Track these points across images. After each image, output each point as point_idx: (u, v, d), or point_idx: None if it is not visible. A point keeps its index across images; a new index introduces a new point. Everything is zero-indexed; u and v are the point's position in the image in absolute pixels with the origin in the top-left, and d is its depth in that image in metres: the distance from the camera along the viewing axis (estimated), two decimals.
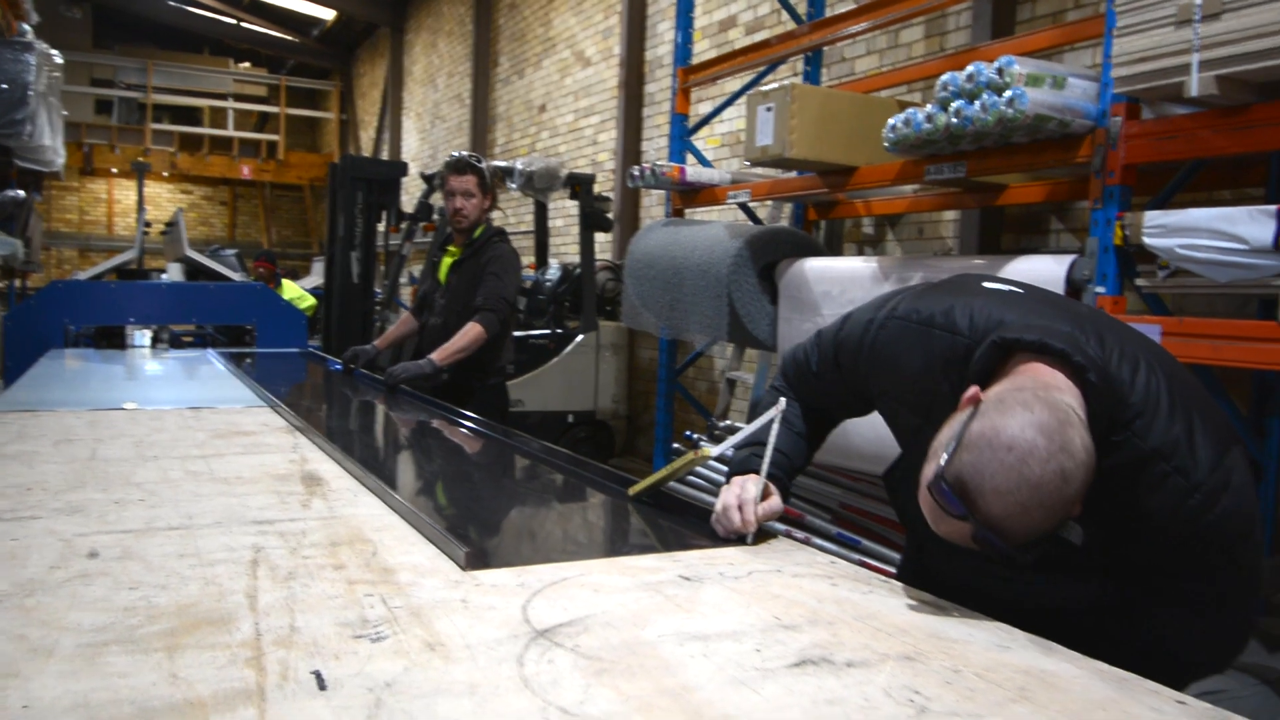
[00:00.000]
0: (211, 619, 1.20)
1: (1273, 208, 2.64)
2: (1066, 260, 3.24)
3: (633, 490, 1.93)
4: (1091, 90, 3.17)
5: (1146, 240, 2.95)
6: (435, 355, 3.69)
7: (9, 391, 3.62)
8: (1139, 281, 3.16)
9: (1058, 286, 3.20)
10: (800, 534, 4.58)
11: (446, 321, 3.89)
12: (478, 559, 1.45)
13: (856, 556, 4.17)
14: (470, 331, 3.72)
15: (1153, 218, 2.94)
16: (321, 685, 1.01)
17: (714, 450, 1.77)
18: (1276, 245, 2.64)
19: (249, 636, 1.14)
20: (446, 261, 4.05)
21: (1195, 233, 2.81)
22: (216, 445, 2.45)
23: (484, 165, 3.93)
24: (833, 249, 5.84)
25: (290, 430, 2.72)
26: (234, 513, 1.75)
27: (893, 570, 3.83)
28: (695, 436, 5.46)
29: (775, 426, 1.62)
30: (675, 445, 5.57)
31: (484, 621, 1.21)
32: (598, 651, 1.11)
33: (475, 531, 1.80)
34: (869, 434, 3.99)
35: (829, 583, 1.40)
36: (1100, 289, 3.11)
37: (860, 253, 5.87)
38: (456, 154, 3.97)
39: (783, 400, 1.65)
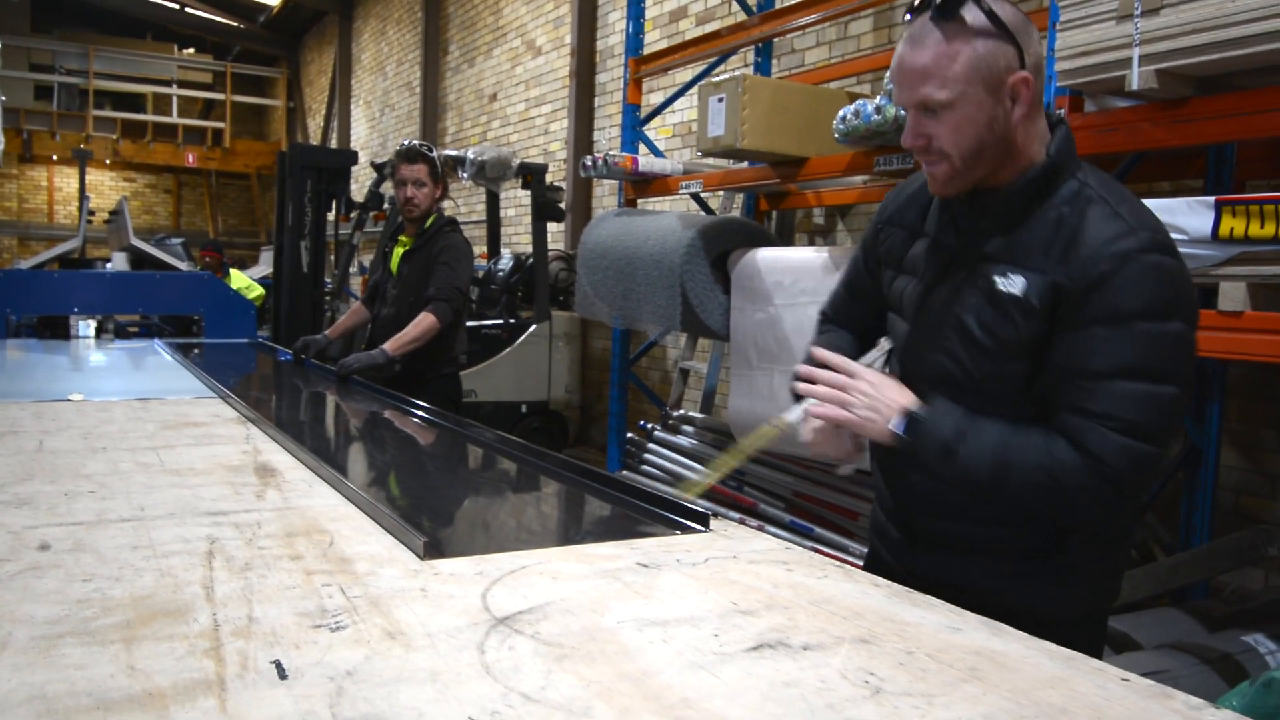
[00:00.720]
0: (168, 610, 1.19)
1: (1211, 199, 2.71)
2: None
3: (695, 489, 1.90)
4: None
5: None
6: (388, 345, 3.69)
7: None
8: None
9: None
10: (754, 522, 4.63)
11: (399, 311, 3.89)
12: (435, 548, 1.45)
13: (809, 544, 4.23)
14: (423, 321, 3.72)
15: None
16: (282, 675, 1.01)
17: (792, 415, 1.66)
18: (1215, 235, 2.72)
19: (207, 627, 1.14)
20: (398, 251, 4.03)
21: None
22: (167, 436, 2.42)
23: (435, 154, 3.92)
24: (784, 239, 5.88)
25: (242, 421, 2.69)
26: (187, 504, 1.73)
27: (845, 557, 3.90)
28: (650, 426, 5.49)
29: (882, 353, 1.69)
30: (630, 435, 5.59)
31: (444, 610, 1.21)
32: (558, 638, 1.13)
33: (432, 521, 1.80)
34: None
35: (784, 568, 1.43)
36: None
37: (811, 243, 5.92)
38: (407, 142, 3.95)
39: (884, 340, 1.70)
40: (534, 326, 7.33)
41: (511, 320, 7.33)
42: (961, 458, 1.43)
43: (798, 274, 4.22)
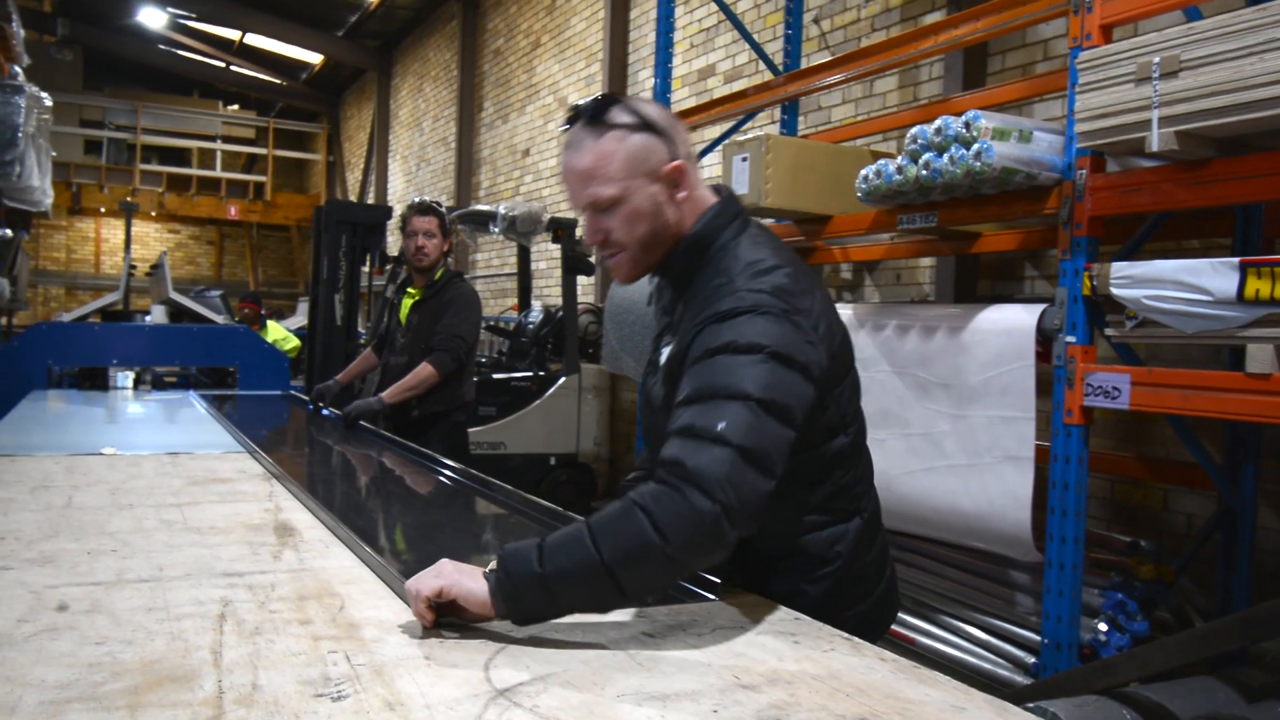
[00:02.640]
0: (175, 676, 1.21)
1: (1235, 260, 2.70)
2: (1037, 310, 3.30)
3: None
4: (1057, 144, 3.24)
5: (1114, 290, 3.00)
6: (386, 394, 3.95)
7: None
8: (1108, 331, 3.22)
9: (1028, 336, 3.26)
10: None
11: (411, 359, 4.09)
12: (443, 615, 1.46)
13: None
14: (420, 371, 3.96)
15: (1120, 268, 3.00)
16: None
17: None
18: (1240, 297, 2.70)
19: (211, 694, 1.15)
20: (407, 302, 4.27)
21: (1161, 284, 2.87)
22: (192, 493, 2.46)
23: (443, 210, 4.19)
24: None
25: (267, 477, 2.73)
26: (205, 564, 1.75)
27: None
28: None
29: None
30: None
31: (445, 680, 1.22)
32: (555, 712, 1.13)
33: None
34: None
35: (791, 641, 1.42)
36: (1071, 338, 3.16)
37: (839, 298, 5.93)
38: (419, 197, 4.24)
39: None
40: (563, 379, 7.36)
41: (541, 373, 7.37)
42: (554, 550, 1.36)
43: None
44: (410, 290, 4.28)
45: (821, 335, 1.53)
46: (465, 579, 1.39)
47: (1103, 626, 3.25)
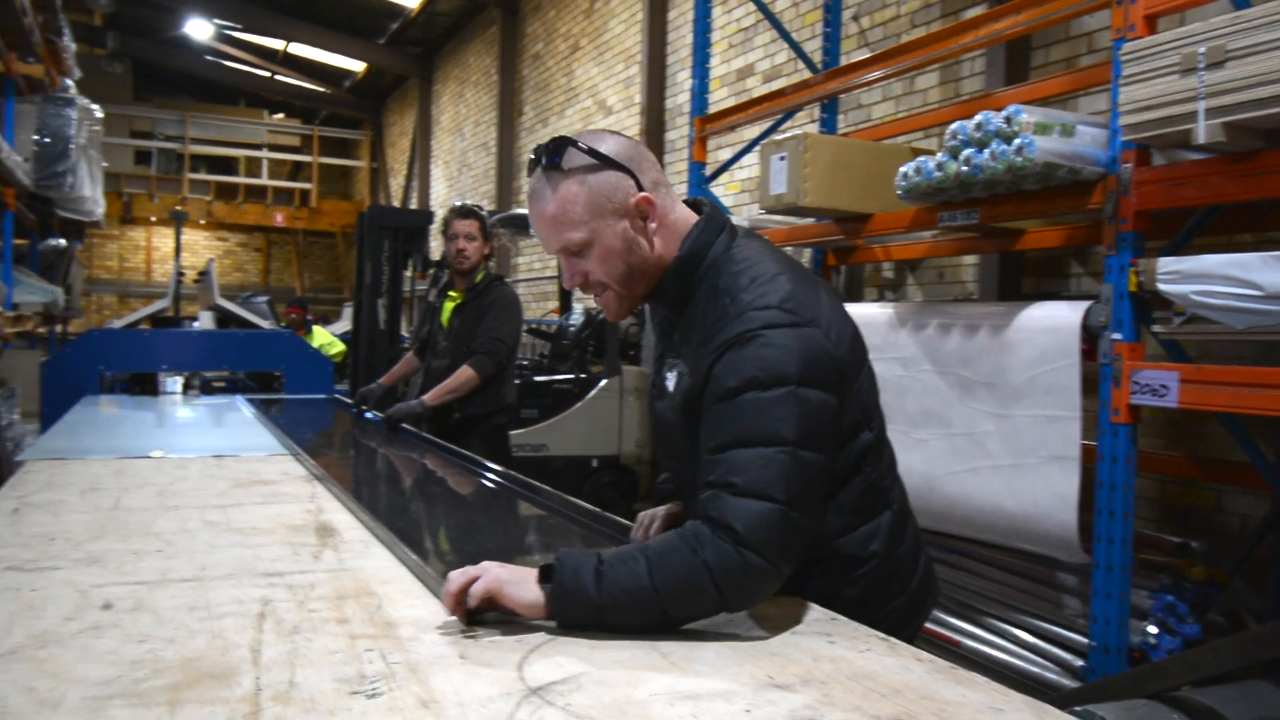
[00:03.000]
0: (215, 673, 1.23)
1: None
2: (1082, 306, 3.24)
3: None
4: (1101, 137, 3.19)
5: (1161, 286, 2.95)
6: (427, 396, 4.00)
7: (42, 439, 3.69)
8: (1155, 328, 3.16)
9: (1073, 333, 3.20)
10: None
11: (453, 362, 4.14)
12: (478, 613, 1.47)
13: None
14: (461, 374, 4.02)
15: (1167, 264, 2.94)
16: None
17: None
18: None
19: (249, 691, 1.17)
20: (448, 306, 4.31)
21: (1209, 279, 2.81)
22: (236, 495, 2.49)
23: (485, 213, 4.24)
24: (853, 294, 5.86)
25: (309, 479, 2.76)
26: (246, 564, 1.78)
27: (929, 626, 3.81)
28: None
29: None
30: None
31: (479, 679, 1.22)
32: (588, 710, 1.13)
33: None
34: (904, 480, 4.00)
35: (827, 640, 1.41)
36: (1117, 335, 3.11)
37: (881, 297, 5.88)
38: (460, 201, 4.29)
39: None
40: (604, 381, 7.37)
41: (582, 375, 7.39)
42: (611, 580, 1.38)
43: (864, 328, 4.19)
44: (452, 294, 4.33)
45: (835, 338, 1.52)
46: (513, 587, 1.41)
47: (1152, 629, 3.19)
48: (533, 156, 1.59)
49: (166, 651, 1.30)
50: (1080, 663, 3.25)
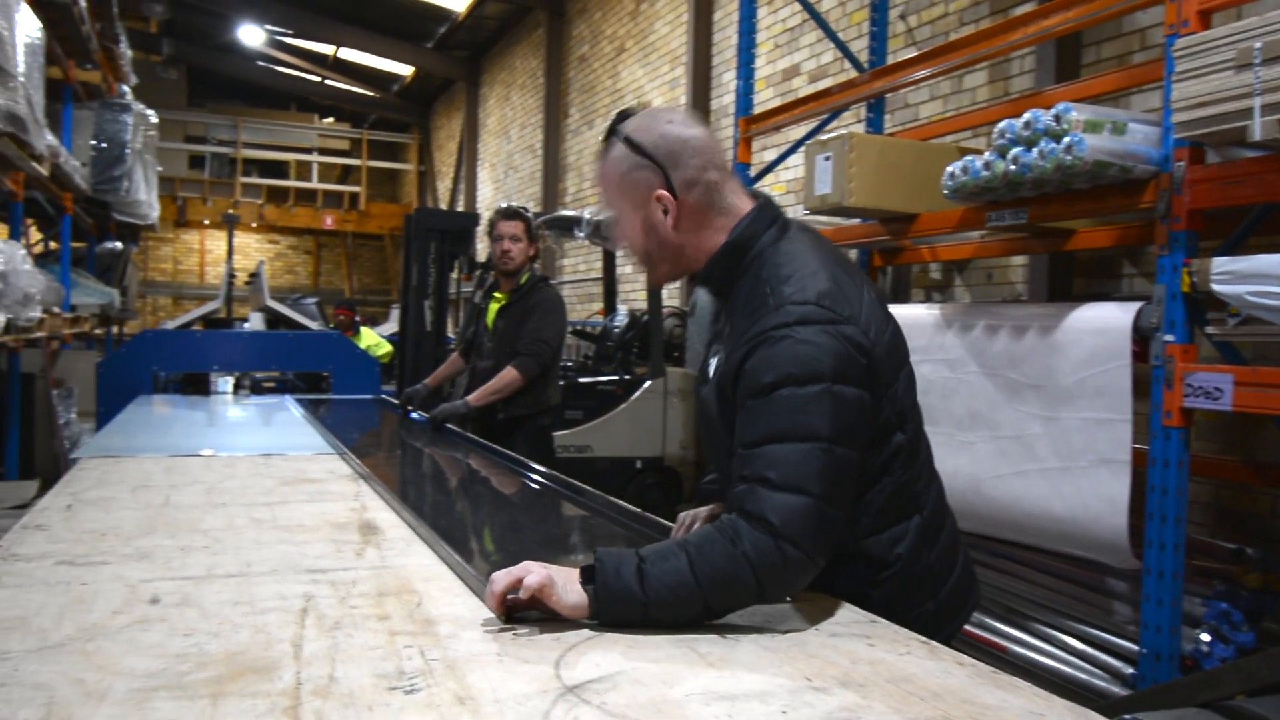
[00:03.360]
0: (257, 667, 1.24)
1: None
2: (1133, 308, 3.18)
3: None
4: (1153, 135, 3.13)
5: (1215, 287, 2.88)
6: (472, 397, 4.03)
7: (96, 437, 3.78)
8: (1209, 329, 3.09)
9: (1123, 335, 3.15)
10: None
11: (498, 363, 4.16)
12: (518, 613, 1.47)
13: None
14: (505, 375, 4.04)
15: (1221, 264, 2.88)
16: None
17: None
18: None
19: (289, 685, 1.18)
20: (493, 307, 4.33)
21: (1265, 279, 2.74)
22: (283, 493, 2.53)
23: (529, 215, 4.25)
24: (900, 295, 5.80)
25: (354, 478, 2.79)
26: (290, 561, 1.80)
27: (981, 634, 3.76)
28: None
29: None
30: None
31: (516, 676, 1.23)
32: (623, 709, 1.13)
33: None
34: (950, 483, 3.95)
35: (866, 643, 1.40)
36: (1169, 337, 3.05)
37: (928, 298, 5.82)
38: (506, 203, 4.31)
39: None
40: (649, 382, 7.37)
41: (626, 376, 7.39)
42: (656, 578, 1.41)
43: (909, 330, 4.14)
44: (496, 295, 4.35)
45: (873, 337, 1.54)
46: (558, 588, 1.42)
47: (1205, 637, 3.12)
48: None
49: (211, 645, 1.33)
50: (1131, 670, 3.19)
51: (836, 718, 1.11)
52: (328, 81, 19.57)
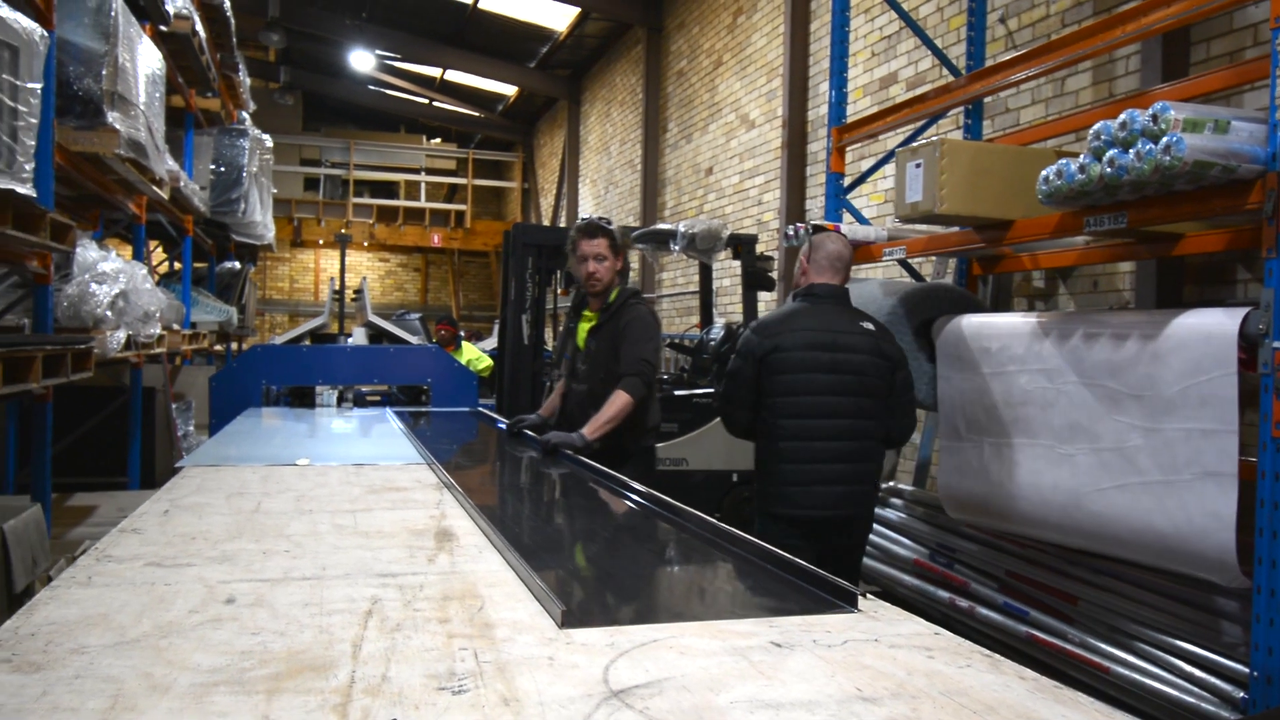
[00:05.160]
0: (315, 665, 1.28)
1: None
2: (1239, 313, 3.02)
3: None
4: (1259, 133, 2.97)
5: None
6: (586, 429, 3.70)
7: (201, 447, 3.95)
8: None
9: (1229, 342, 2.99)
10: (964, 603, 4.39)
11: (592, 387, 3.93)
12: (574, 618, 1.48)
13: (1024, 629, 3.96)
14: (617, 400, 3.74)
15: None
16: None
17: None
18: None
19: (343, 683, 1.21)
20: (584, 327, 4.08)
21: None
22: (368, 500, 2.60)
23: (614, 227, 3.96)
24: (1001, 304, 5.64)
25: (439, 487, 2.85)
26: (364, 565, 1.85)
27: (1059, 643, 3.63)
28: None
29: None
30: None
31: (564, 680, 1.24)
32: (665, 714, 1.12)
33: (584, 591, 1.83)
34: (1049, 496, 3.83)
35: (925, 655, 1.36)
36: (1278, 344, 2.89)
37: (1031, 307, 5.64)
38: (586, 218, 4.00)
39: None
40: None
41: None
42: None
43: (1005, 340, 4.03)
44: (586, 314, 4.09)
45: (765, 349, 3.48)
46: None
47: None
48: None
49: (275, 644, 1.37)
50: (1241, 694, 3.01)
51: None
52: (435, 103, 20.09)
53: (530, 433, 4.15)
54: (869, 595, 1.62)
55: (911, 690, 1.21)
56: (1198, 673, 3.18)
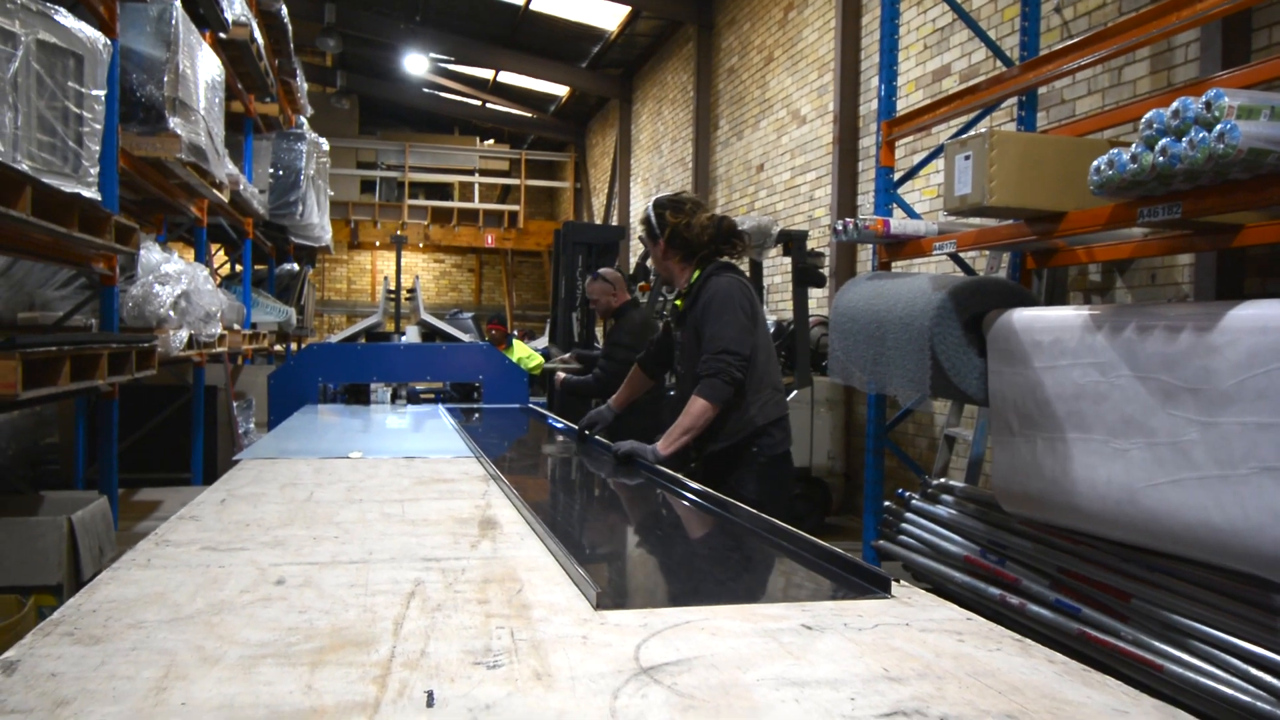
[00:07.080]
0: (358, 641, 1.33)
1: None
2: None
3: None
4: None
5: None
6: (660, 444, 3.30)
7: (259, 441, 4.05)
8: None
9: None
10: (1015, 600, 4.34)
11: (684, 391, 3.53)
12: (609, 600, 1.51)
13: (1075, 626, 3.91)
14: (692, 408, 3.31)
15: None
16: (430, 703, 1.10)
17: None
18: None
19: (383, 658, 1.26)
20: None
21: None
22: (416, 491, 2.66)
23: (648, 212, 3.63)
24: (1055, 298, 5.57)
25: (486, 479, 2.90)
26: (409, 550, 1.90)
27: (1112, 641, 3.58)
28: (908, 495, 5.31)
29: None
30: (886, 504, 5.44)
31: (596, 657, 1.27)
32: (692, 690, 1.15)
33: (620, 575, 1.86)
34: (1103, 492, 3.77)
35: (956, 639, 1.37)
36: None
37: (1087, 301, 5.56)
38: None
39: None
40: (795, 392, 7.31)
41: None
42: None
43: (1057, 334, 3.98)
44: (677, 302, 3.66)
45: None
46: None
47: None
48: None
49: (320, 621, 1.42)
50: None
51: (905, 707, 1.10)
52: (488, 105, 20.29)
53: (601, 440, 3.83)
54: (903, 582, 1.63)
55: (938, 671, 1.22)
56: (1254, 671, 3.11)
